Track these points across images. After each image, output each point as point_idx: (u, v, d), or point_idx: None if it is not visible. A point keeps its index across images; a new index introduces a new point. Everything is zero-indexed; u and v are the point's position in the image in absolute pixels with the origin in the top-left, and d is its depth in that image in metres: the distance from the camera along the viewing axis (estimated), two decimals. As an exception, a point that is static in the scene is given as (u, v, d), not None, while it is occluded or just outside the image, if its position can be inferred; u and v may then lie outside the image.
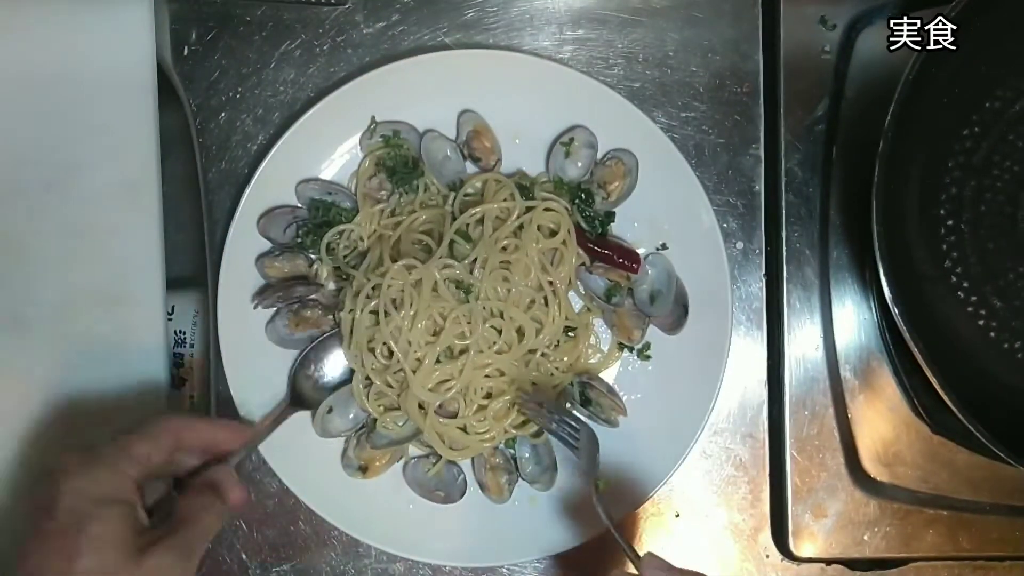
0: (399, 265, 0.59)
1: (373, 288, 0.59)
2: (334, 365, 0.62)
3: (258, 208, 0.62)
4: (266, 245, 0.63)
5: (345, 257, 0.63)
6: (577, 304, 0.63)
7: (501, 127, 0.63)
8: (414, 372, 0.59)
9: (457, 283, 0.60)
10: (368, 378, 0.61)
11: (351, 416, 0.62)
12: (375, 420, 0.61)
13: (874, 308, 0.65)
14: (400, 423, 0.62)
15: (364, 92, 0.61)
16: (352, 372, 0.62)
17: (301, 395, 0.62)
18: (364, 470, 0.62)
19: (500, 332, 0.60)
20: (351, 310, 0.60)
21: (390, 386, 0.60)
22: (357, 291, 0.60)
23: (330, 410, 0.62)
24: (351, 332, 0.60)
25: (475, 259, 0.59)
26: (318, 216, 0.62)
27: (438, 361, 0.60)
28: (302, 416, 0.62)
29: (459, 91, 0.63)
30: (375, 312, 0.60)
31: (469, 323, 0.59)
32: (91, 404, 0.61)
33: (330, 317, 0.63)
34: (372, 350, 0.60)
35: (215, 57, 0.64)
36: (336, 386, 0.62)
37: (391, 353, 0.59)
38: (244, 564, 0.63)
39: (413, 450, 0.63)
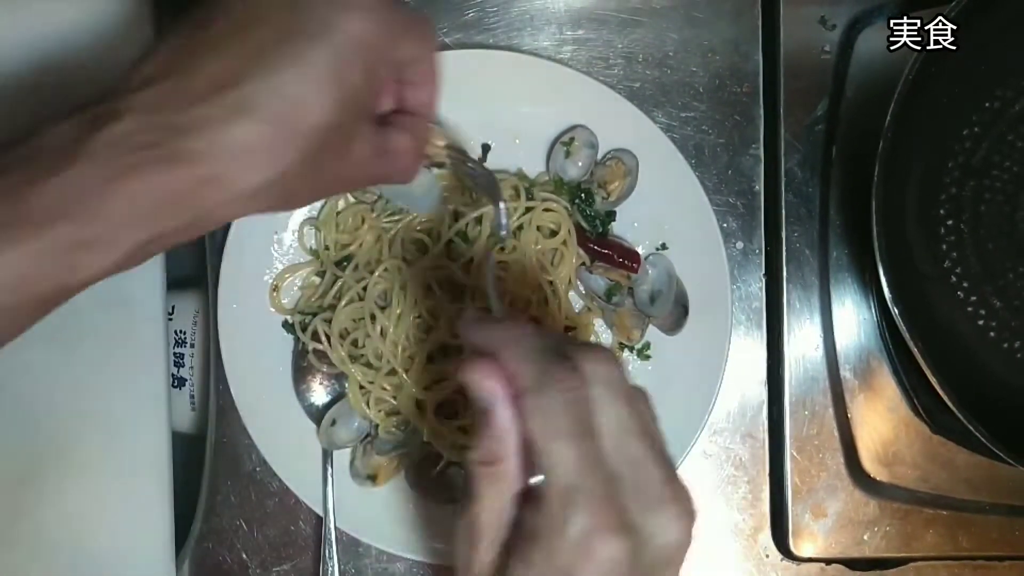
0: (382, 270, 0.59)
1: (364, 288, 0.60)
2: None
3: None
4: (268, 241, 0.62)
5: (340, 263, 0.62)
6: (577, 304, 0.63)
7: (501, 127, 0.63)
8: (406, 371, 0.59)
9: (452, 283, 0.60)
10: (362, 386, 0.61)
11: (355, 426, 0.62)
12: (378, 427, 0.61)
13: (874, 308, 0.65)
14: (402, 428, 0.62)
15: (364, 92, 0.61)
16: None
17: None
18: (374, 478, 0.61)
19: (496, 332, 0.60)
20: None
21: (385, 388, 0.60)
22: (341, 295, 0.60)
23: (334, 422, 0.61)
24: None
25: (471, 259, 0.59)
26: None
27: (432, 360, 0.60)
28: (303, 420, 0.62)
29: (459, 91, 0.62)
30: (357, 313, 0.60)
31: (464, 323, 0.59)
32: (90, 403, 0.61)
33: None
34: (361, 355, 0.60)
35: (215, 57, 0.64)
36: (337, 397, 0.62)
37: (380, 356, 0.59)
38: (244, 564, 0.63)
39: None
